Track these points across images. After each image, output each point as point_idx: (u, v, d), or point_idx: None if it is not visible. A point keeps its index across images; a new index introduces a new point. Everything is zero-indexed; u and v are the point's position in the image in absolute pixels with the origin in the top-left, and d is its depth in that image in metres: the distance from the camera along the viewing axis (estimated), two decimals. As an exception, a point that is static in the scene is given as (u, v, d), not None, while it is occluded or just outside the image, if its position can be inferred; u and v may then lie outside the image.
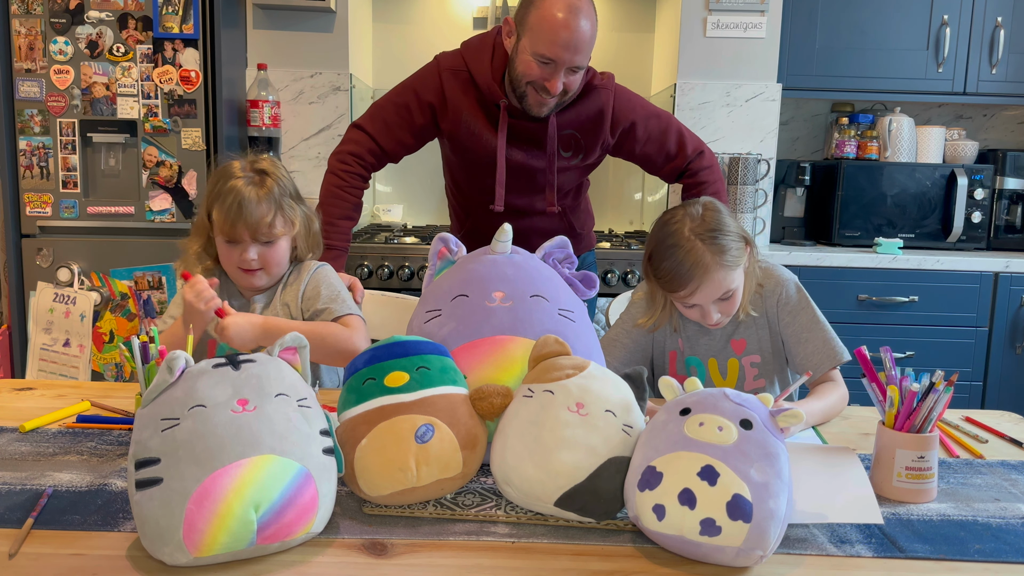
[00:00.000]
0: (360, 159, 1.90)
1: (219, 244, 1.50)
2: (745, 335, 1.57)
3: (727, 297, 1.47)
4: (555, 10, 1.69)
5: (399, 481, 0.97)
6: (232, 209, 1.43)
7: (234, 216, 1.43)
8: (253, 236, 1.46)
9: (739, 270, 1.47)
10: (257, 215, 1.44)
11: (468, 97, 1.88)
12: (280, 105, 2.86)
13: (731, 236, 1.44)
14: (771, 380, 1.60)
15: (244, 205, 1.43)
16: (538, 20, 1.71)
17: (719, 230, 1.43)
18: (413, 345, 1.08)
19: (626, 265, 2.62)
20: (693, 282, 1.42)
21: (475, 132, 1.88)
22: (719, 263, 1.42)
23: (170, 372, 0.92)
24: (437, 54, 1.94)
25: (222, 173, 1.49)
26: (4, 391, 1.48)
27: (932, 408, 1.08)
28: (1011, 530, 1.00)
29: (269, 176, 1.48)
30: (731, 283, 1.45)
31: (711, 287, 1.43)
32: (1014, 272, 2.73)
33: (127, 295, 2.56)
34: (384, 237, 2.77)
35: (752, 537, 0.86)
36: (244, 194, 1.44)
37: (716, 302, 1.46)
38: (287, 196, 1.50)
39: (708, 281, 1.42)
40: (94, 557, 0.88)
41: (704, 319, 1.50)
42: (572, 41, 1.69)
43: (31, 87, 2.49)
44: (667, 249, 1.45)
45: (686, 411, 0.95)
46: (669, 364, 1.62)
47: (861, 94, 3.03)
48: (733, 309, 1.50)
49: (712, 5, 2.85)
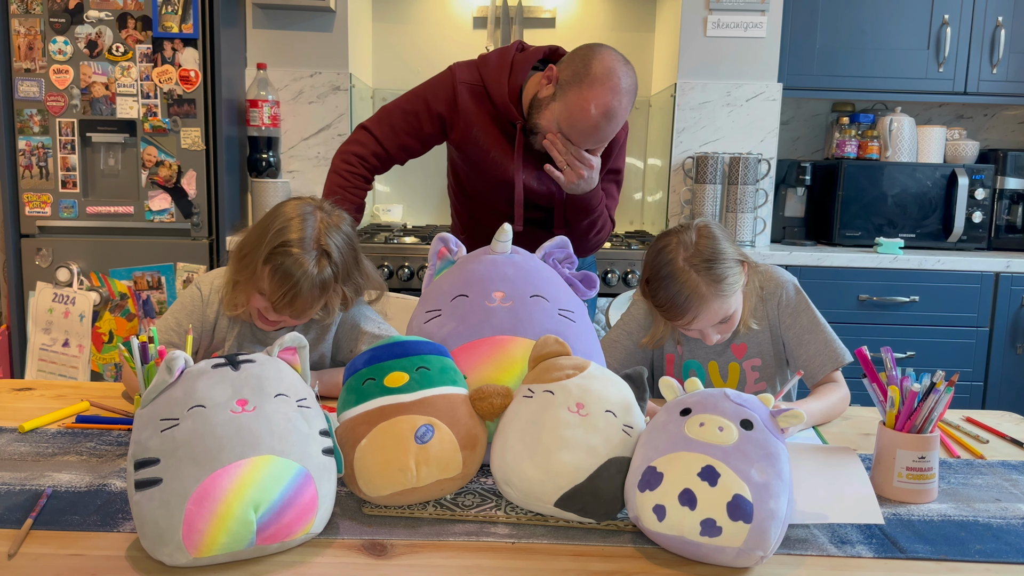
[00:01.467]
0: (364, 160, 1.90)
1: (253, 297, 1.41)
2: (746, 340, 1.57)
3: (726, 320, 1.48)
4: (593, 107, 1.64)
5: (399, 481, 0.97)
6: (284, 295, 1.36)
7: (285, 302, 1.36)
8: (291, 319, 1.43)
9: (736, 295, 1.47)
10: (303, 307, 1.38)
11: (482, 112, 1.86)
12: (280, 105, 2.86)
13: (727, 263, 1.43)
14: (772, 383, 1.60)
15: (296, 298, 1.36)
16: (576, 105, 1.66)
17: (714, 259, 1.42)
18: (413, 345, 1.08)
19: (626, 265, 2.62)
20: (690, 313, 1.43)
21: (484, 148, 1.87)
22: (715, 293, 1.42)
23: (169, 372, 0.92)
24: (452, 64, 1.91)
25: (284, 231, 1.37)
26: (4, 391, 1.48)
27: (933, 408, 1.08)
28: (1012, 530, 1.00)
29: (329, 266, 1.38)
30: (729, 309, 1.46)
31: (709, 315, 1.44)
32: (1015, 272, 2.73)
33: (126, 295, 2.56)
34: (384, 237, 2.77)
35: (752, 537, 0.86)
36: (302, 287, 1.35)
37: (715, 325, 1.48)
38: (339, 285, 1.42)
39: (705, 311, 1.43)
40: (94, 557, 0.88)
41: (704, 339, 1.51)
42: (597, 139, 1.70)
43: (30, 87, 2.49)
44: (663, 280, 1.44)
45: (686, 411, 0.95)
46: (667, 366, 1.62)
47: (861, 94, 3.02)
48: (732, 329, 1.52)
49: (712, 5, 2.85)
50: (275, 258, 1.35)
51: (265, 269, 1.36)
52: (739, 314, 1.50)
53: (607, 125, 1.68)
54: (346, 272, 1.43)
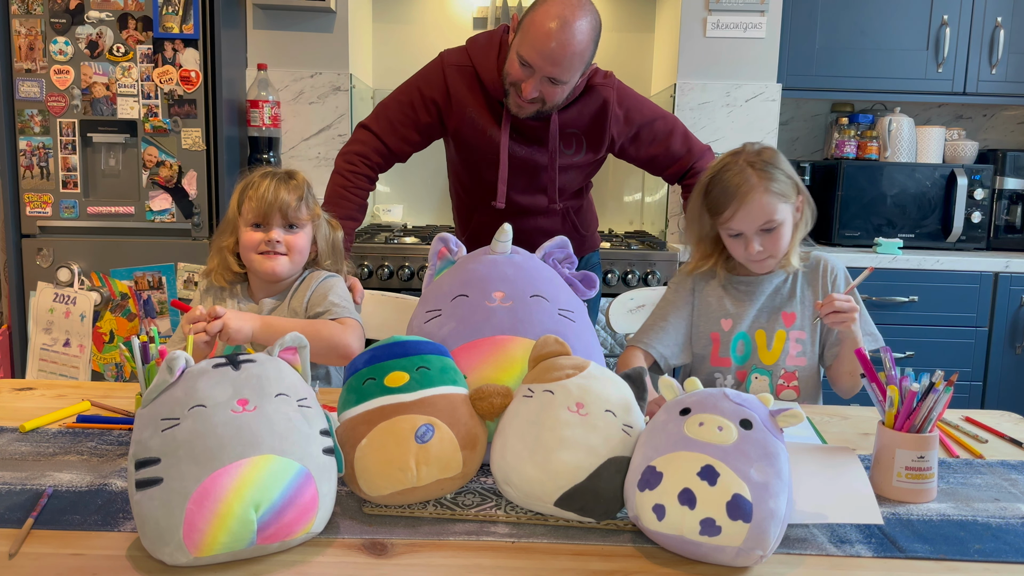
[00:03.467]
0: (366, 159, 1.90)
1: (245, 234, 1.57)
2: (795, 309, 1.60)
3: (771, 228, 1.51)
4: (548, 19, 1.67)
5: (399, 481, 0.97)
6: (264, 192, 1.54)
7: (270, 198, 1.53)
8: (283, 216, 1.54)
9: (785, 207, 1.52)
10: (286, 198, 1.54)
11: (473, 93, 1.87)
12: (280, 105, 2.86)
13: (781, 171, 1.52)
14: (806, 365, 1.61)
15: (277, 189, 1.54)
16: (530, 23, 1.70)
17: (771, 163, 1.52)
18: (413, 345, 1.08)
19: (626, 265, 2.63)
20: (737, 200, 1.49)
21: (479, 127, 1.88)
22: (764, 187, 1.49)
23: (170, 372, 0.92)
24: (441, 51, 1.94)
25: (254, 173, 1.61)
26: (4, 391, 1.48)
27: (932, 408, 1.08)
28: (1011, 530, 1.00)
29: (296, 173, 1.61)
30: (774, 212, 1.50)
31: (754, 208, 1.49)
32: (1014, 272, 2.73)
33: (127, 295, 2.56)
34: (384, 237, 2.78)
35: (752, 537, 0.86)
36: (273, 181, 1.56)
37: (760, 234, 1.51)
38: (311, 194, 1.60)
39: (751, 201, 1.48)
40: (94, 557, 0.88)
41: (748, 251, 1.52)
42: (553, 54, 1.68)
43: (31, 87, 2.49)
44: (718, 173, 1.54)
45: (686, 411, 0.95)
46: (714, 347, 1.63)
47: (861, 94, 3.03)
48: (777, 247, 1.53)
49: (712, 5, 2.85)
50: (251, 184, 1.57)
51: (242, 200, 1.57)
52: (785, 237, 1.53)
53: (564, 33, 1.66)
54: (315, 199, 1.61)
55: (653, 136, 1.95)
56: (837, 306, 1.43)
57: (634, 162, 2.02)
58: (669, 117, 1.98)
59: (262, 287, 1.61)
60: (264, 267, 1.55)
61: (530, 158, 1.91)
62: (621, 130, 1.93)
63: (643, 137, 1.95)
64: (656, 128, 1.95)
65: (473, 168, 1.98)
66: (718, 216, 1.54)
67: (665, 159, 1.98)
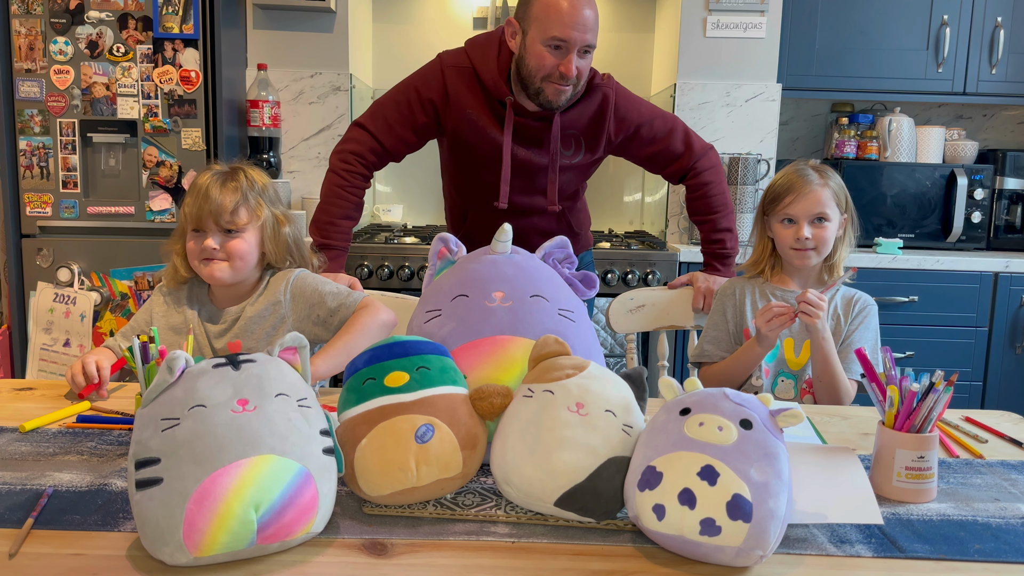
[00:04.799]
0: (361, 158, 1.90)
1: (188, 239, 1.51)
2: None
3: (822, 220, 1.64)
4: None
5: (399, 481, 0.97)
6: (199, 196, 1.48)
7: (201, 202, 1.47)
8: (216, 222, 1.47)
9: (835, 211, 1.66)
10: (220, 201, 1.47)
11: (473, 94, 1.87)
12: (280, 105, 2.87)
13: (837, 183, 1.68)
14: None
15: (209, 191, 1.47)
16: (543, 9, 1.73)
17: (831, 175, 1.69)
18: (413, 345, 1.08)
19: (626, 265, 2.63)
20: (795, 190, 1.64)
21: (480, 128, 1.88)
22: (822, 182, 1.65)
23: (170, 372, 0.92)
24: (440, 52, 1.93)
25: (203, 171, 1.54)
26: (4, 391, 1.48)
27: (932, 408, 1.08)
28: (1011, 530, 1.00)
29: (240, 171, 1.53)
30: (826, 207, 1.64)
31: (811, 198, 1.64)
32: (1014, 272, 2.73)
33: (127, 295, 2.56)
34: (384, 237, 2.77)
35: (752, 537, 0.86)
36: (210, 183, 1.49)
37: (810, 224, 1.63)
38: (255, 192, 1.53)
39: (809, 192, 1.64)
40: (94, 557, 0.88)
41: (797, 236, 1.64)
42: (580, 19, 1.73)
43: (31, 87, 2.49)
44: (781, 174, 1.71)
45: (686, 411, 0.95)
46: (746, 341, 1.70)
47: (861, 94, 3.03)
48: (823, 241, 1.65)
49: (712, 5, 2.85)
50: (191, 188, 1.50)
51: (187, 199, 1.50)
52: (830, 240, 1.66)
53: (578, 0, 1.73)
54: (266, 190, 1.55)
55: (653, 134, 1.95)
56: (808, 298, 1.53)
57: (634, 160, 2.02)
58: (669, 116, 1.98)
59: (222, 292, 1.56)
60: (204, 274, 1.51)
61: (529, 159, 1.91)
62: (620, 129, 1.93)
63: (643, 135, 1.95)
64: (655, 127, 1.95)
65: (470, 169, 1.98)
66: (776, 204, 1.67)
67: (665, 157, 1.98)
